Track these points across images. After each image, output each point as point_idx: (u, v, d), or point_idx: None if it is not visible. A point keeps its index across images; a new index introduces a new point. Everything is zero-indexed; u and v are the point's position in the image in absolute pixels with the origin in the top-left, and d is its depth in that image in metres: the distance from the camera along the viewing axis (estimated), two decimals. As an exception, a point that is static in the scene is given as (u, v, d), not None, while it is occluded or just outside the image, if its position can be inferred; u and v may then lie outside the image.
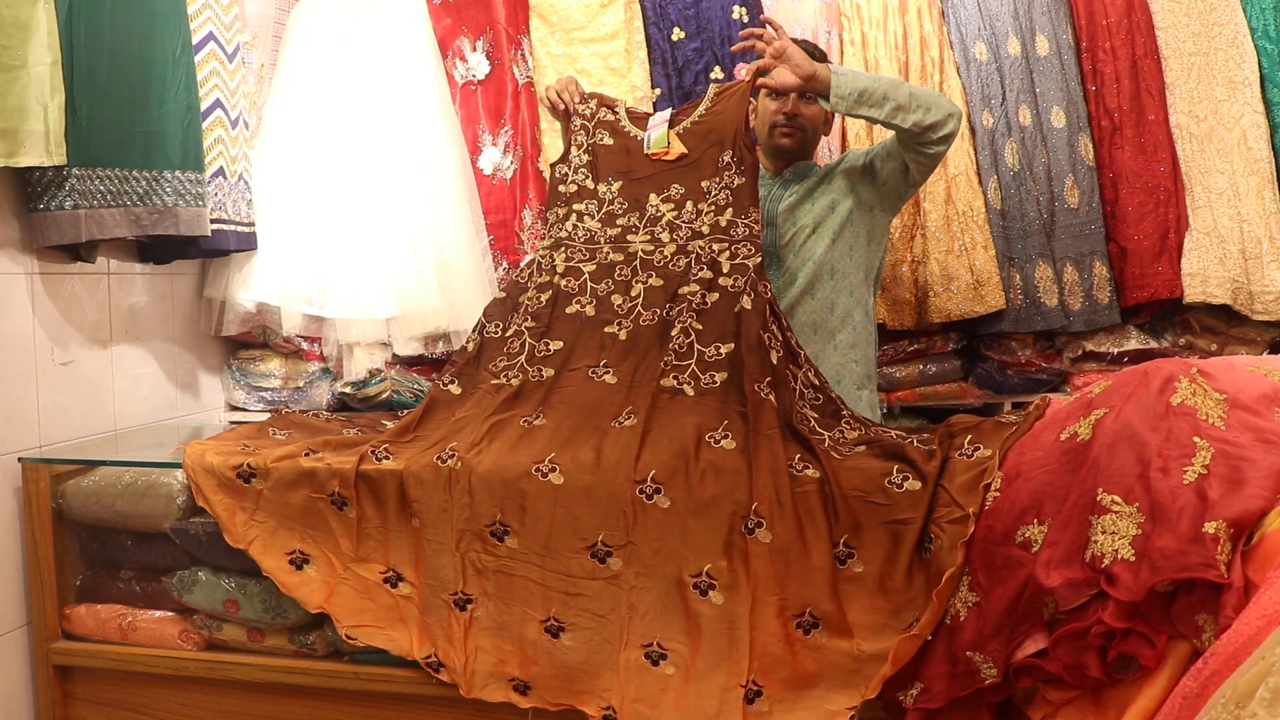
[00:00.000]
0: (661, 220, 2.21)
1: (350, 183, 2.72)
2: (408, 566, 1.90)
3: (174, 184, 2.30)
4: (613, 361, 2.05)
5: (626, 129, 2.33)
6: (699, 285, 2.09)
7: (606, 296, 2.16)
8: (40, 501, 2.12)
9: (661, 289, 2.13)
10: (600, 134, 2.34)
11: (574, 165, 2.33)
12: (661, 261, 2.17)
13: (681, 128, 2.28)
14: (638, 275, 2.17)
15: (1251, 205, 2.63)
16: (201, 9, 2.42)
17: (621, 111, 2.36)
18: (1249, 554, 1.24)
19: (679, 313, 2.07)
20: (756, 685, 1.67)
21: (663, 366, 2.00)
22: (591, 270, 2.21)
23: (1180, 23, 2.71)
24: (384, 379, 2.73)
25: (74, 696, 2.15)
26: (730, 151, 2.21)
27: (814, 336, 2.29)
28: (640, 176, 2.28)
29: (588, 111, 2.36)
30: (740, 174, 2.19)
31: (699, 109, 2.29)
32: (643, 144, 2.29)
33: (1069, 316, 2.70)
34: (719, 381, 1.96)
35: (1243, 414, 1.41)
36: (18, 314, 2.16)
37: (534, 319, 2.15)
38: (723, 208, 2.17)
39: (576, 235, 2.26)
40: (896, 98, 2.10)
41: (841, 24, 2.82)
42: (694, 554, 1.73)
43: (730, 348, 1.99)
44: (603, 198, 2.28)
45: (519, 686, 1.80)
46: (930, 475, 1.68)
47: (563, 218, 2.30)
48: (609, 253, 2.21)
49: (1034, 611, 1.41)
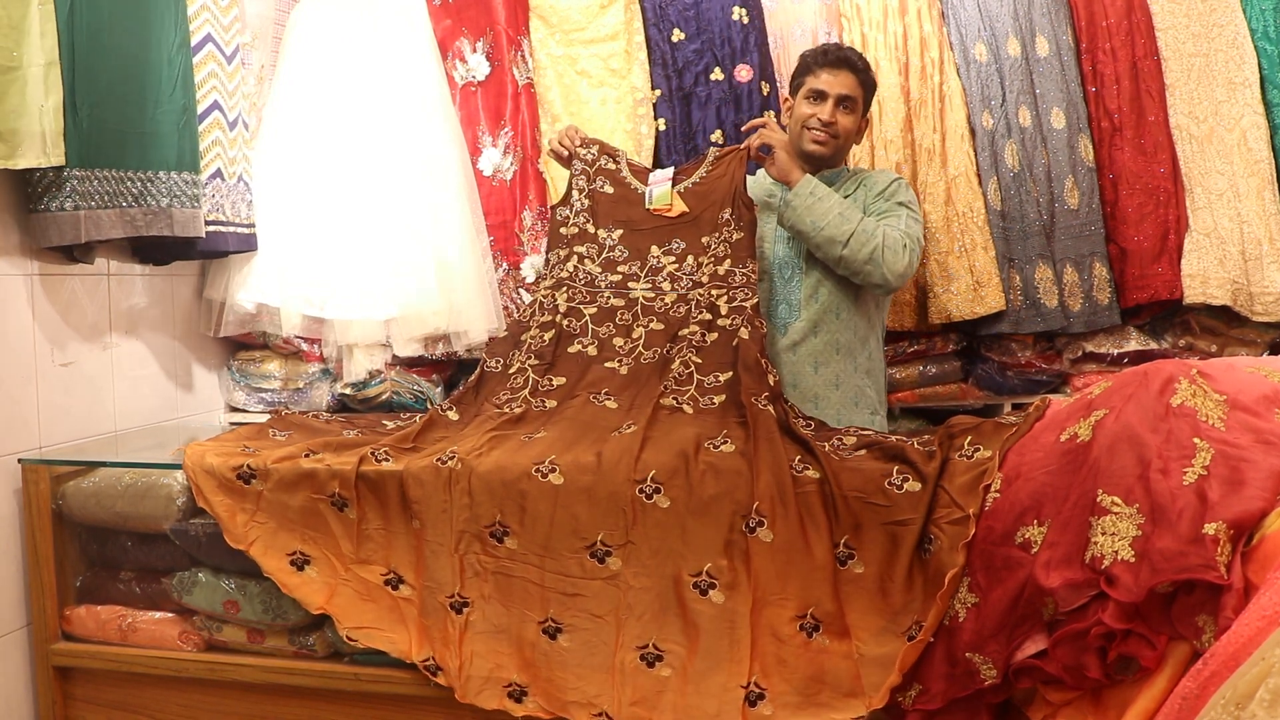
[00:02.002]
0: (663, 271, 2.29)
1: (350, 184, 2.72)
2: (408, 568, 1.90)
3: (169, 185, 2.30)
4: (614, 390, 2.09)
5: (627, 180, 2.40)
6: (699, 326, 2.16)
7: (609, 339, 2.23)
8: (40, 502, 2.11)
9: (662, 332, 2.21)
10: (600, 181, 2.39)
11: (575, 209, 2.38)
12: (662, 308, 2.25)
13: (683, 187, 2.34)
14: (639, 320, 2.24)
15: (1251, 206, 2.63)
16: (200, 10, 2.41)
17: (623, 162, 2.42)
18: (1249, 555, 1.24)
19: (679, 350, 2.14)
20: (759, 688, 1.67)
21: (662, 389, 2.05)
22: (593, 313, 2.27)
23: (1180, 24, 2.71)
24: (384, 380, 2.73)
25: (74, 697, 2.15)
26: (730, 209, 2.29)
27: (836, 356, 2.30)
28: (642, 228, 2.35)
29: (589, 156, 2.42)
30: (739, 229, 2.27)
31: (699, 171, 2.35)
32: (644, 197, 2.36)
33: (1069, 317, 2.70)
34: (717, 403, 2.02)
35: (1243, 415, 1.41)
36: (18, 315, 2.16)
37: (537, 357, 2.20)
38: (721, 259, 2.25)
39: (578, 277, 2.31)
40: (829, 250, 2.19)
41: (841, 25, 2.82)
42: (694, 553, 1.74)
43: (729, 375, 2.06)
44: (603, 243, 2.34)
45: (514, 693, 1.79)
46: (930, 476, 1.68)
47: (564, 259, 2.35)
48: (610, 297, 2.28)
49: (1034, 612, 1.41)
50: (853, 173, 2.42)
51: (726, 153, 2.36)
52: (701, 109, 2.83)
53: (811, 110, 2.32)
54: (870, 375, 2.35)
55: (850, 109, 2.32)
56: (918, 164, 2.75)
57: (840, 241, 2.16)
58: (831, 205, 2.18)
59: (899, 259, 2.16)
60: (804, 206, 2.19)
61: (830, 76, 2.30)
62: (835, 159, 2.38)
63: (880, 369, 2.40)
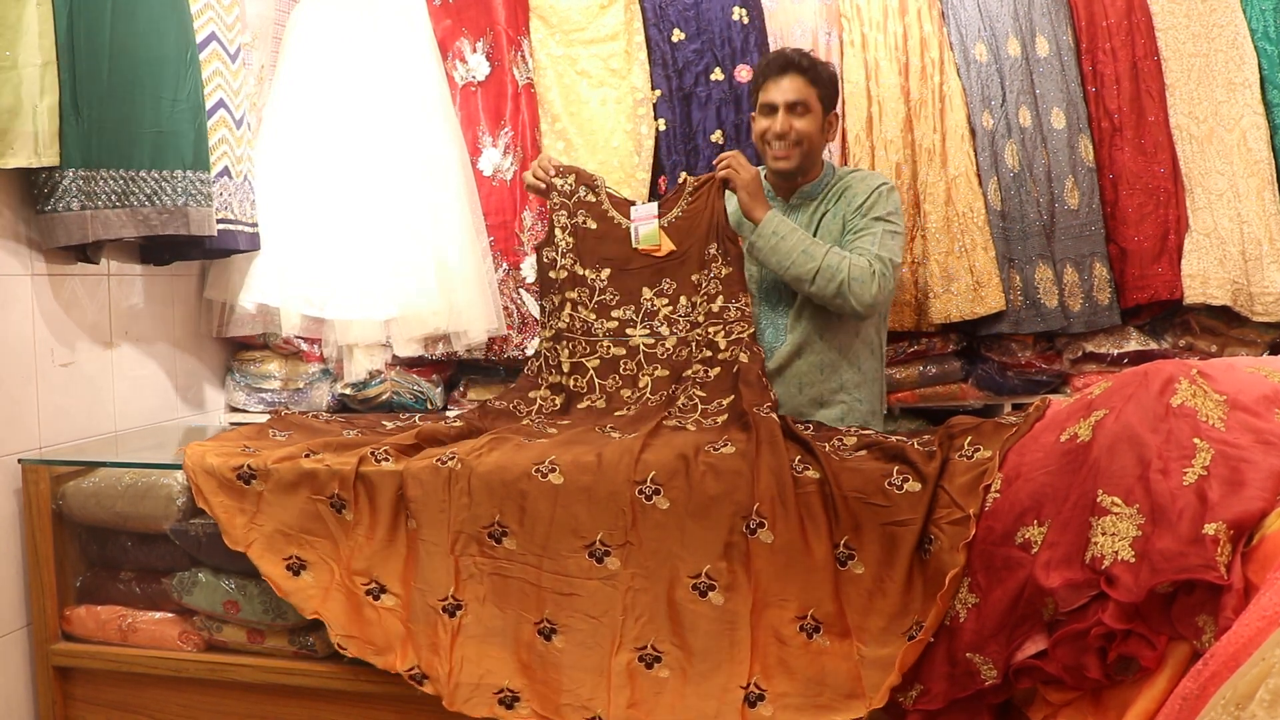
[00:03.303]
0: (658, 315, 2.30)
1: (350, 184, 2.71)
2: (394, 576, 1.88)
3: (184, 184, 2.29)
4: (620, 426, 2.09)
5: (609, 214, 2.36)
6: (701, 365, 2.22)
7: (615, 391, 2.28)
8: (40, 503, 2.11)
9: (667, 377, 2.25)
10: (581, 215, 2.36)
11: (560, 249, 2.36)
12: (664, 354, 2.28)
13: (666, 220, 2.32)
14: (643, 369, 2.27)
15: (1251, 206, 2.63)
16: (204, 9, 2.41)
17: (603, 193, 2.36)
18: (1249, 555, 1.24)
19: (684, 388, 2.19)
20: (759, 689, 1.67)
21: (665, 415, 2.09)
22: (596, 365, 2.30)
23: (1180, 24, 2.71)
24: (384, 380, 2.73)
25: (74, 698, 2.15)
26: (715, 244, 2.28)
27: (820, 376, 2.28)
28: (630, 269, 2.33)
29: (566, 187, 2.36)
30: (727, 264, 2.27)
31: (680, 203, 2.32)
32: (629, 234, 2.33)
33: (1069, 318, 2.70)
34: (719, 422, 2.05)
35: (1243, 415, 1.41)
36: (18, 315, 2.16)
37: (548, 417, 2.23)
38: (713, 296, 2.26)
39: (575, 327, 2.32)
40: (797, 287, 2.20)
41: (841, 25, 2.82)
42: (693, 554, 1.73)
43: (730, 399, 2.11)
44: (593, 285, 2.34)
45: (505, 699, 1.75)
46: (930, 476, 1.68)
47: (558, 306, 2.34)
48: (610, 346, 2.30)
49: (1034, 612, 1.41)
50: (836, 178, 2.36)
51: (703, 181, 2.32)
52: (702, 109, 2.83)
53: (766, 124, 2.28)
54: (861, 389, 2.31)
55: (803, 112, 2.26)
56: (918, 164, 2.75)
57: (806, 280, 2.16)
58: (794, 244, 2.17)
59: (866, 289, 2.14)
60: (768, 248, 2.19)
61: (775, 85, 2.26)
62: (809, 167, 2.33)
63: (876, 380, 2.37)
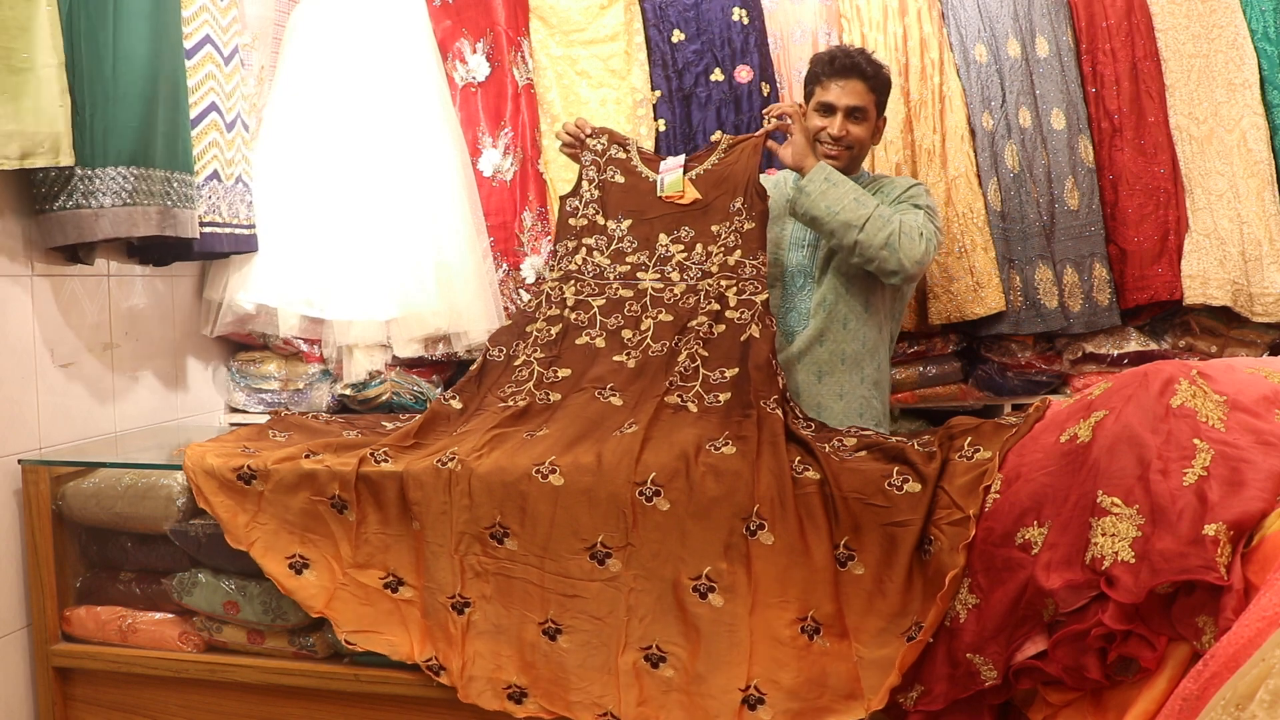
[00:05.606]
0: (672, 260, 2.27)
1: (350, 184, 2.71)
2: (408, 570, 1.90)
3: (175, 185, 2.30)
4: (620, 385, 2.08)
5: (638, 169, 2.37)
6: (706, 317, 2.15)
7: (616, 330, 2.21)
8: (40, 503, 2.11)
9: (671, 324, 2.18)
10: (611, 170, 2.38)
11: (584, 200, 2.37)
12: (671, 299, 2.22)
13: (695, 173, 2.32)
14: (647, 311, 2.22)
15: (1251, 207, 2.63)
16: (198, 12, 2.41)
17: (633, 150, 2.40)
18: (1249, 556, 1.24)
19: (686, 342, 2.12)
20: (759, 692, 1.67)
21: (667, 385, 2.04)
22: (601, 304, 2.26)
23: (1180, 25, 2.71)
24: (384, 381, 2.73)
25: (74, 698, 2.15)
26: (741, 199, 2.26)
27: (841, 367, 2.27)
28: (651, 217, 2.32)
29: (599, 146, 2.40)
30: (750, 219, 2.24)
31: (712, 157, 2.33)
32: (655, 185, 2.33)
33: (1069, 318, 2.70)
34: (722, 401, 2.00)
35: (1242, 416, 1.41)
36: (18, 316, 2.16)
37: (543, 350, 2.19)
38: (731, 249, 2.22)
39: (586, 270, 2.30)
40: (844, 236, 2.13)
41: (841, 26, 2.82)
42: (694, 556, 1.74)
43: (735, 371, 2.05)
44: (612, 234, 2.33)
45: (514, 694, 1.79)
46: (930, 477, 1.68)
47: (572, 250, 2.34)
48: (618, 289, 2.26)
49: (1034, 613, 1.41)
50: (871, 180, 2.39)
51: (740, 140, 2.33)
52: (702, 110, 2.83)
53: (822, 123, 2.28)
54: (878, 387, 2.32)
55: (861, 118, 2.27)
56: (917, 165, 2.75)
57: (856, 225, 2.11)
58: (846, 190, 2.15)
59: (915, 246, 2.12)
60: (818, 192, 2.15)
61: (838, 87, 2.26)
62: (852, 169, 2.34)
63: (887, 381, 2.38)
